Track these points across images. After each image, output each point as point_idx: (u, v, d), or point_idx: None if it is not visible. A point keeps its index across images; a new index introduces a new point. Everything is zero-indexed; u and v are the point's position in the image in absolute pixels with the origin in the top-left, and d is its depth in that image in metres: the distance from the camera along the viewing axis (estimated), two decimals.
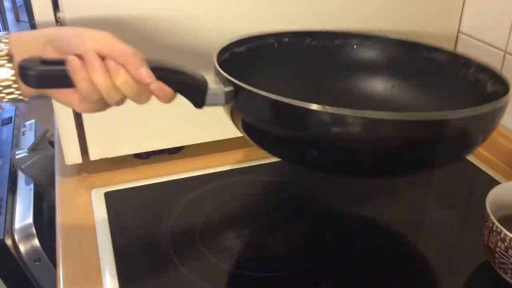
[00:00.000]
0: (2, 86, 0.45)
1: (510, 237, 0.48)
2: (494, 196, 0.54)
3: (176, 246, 0.58)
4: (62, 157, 0.69)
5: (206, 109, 0.71)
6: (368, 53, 0.65)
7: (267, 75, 0.60)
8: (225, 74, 0.49)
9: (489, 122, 0.48)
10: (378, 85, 0.65)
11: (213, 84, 0.49)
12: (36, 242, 0.86)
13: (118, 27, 0.62)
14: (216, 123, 0.72)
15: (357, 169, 0.50)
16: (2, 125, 1.13)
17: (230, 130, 0.74)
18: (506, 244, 0.49)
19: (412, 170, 0.52)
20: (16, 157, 0.90)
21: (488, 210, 0.51)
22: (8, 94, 0.45)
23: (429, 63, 0.62)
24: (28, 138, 1.09)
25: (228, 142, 0.78)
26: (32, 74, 0.43)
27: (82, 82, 0.43)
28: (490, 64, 0.56)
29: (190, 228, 0.61)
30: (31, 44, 0.45)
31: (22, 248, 0.86)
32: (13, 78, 0.44)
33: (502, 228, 0.49)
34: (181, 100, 0.71)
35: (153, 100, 0.67)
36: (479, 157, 0.75)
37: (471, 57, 0.58)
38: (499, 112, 0.48)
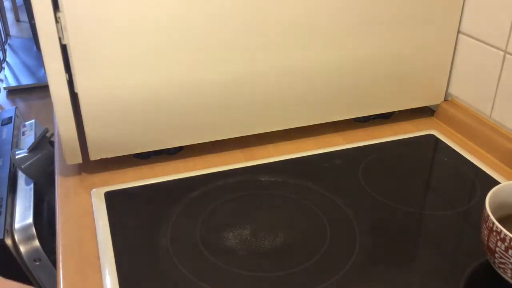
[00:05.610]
0: None
1: (510, 237, 0.48)
2: (494, 196, 0.54)
3: (176, 246, 0.58)
4: (62, 157, 0.69)
5: (206, 109, 0.71)
6: None
7: None
8: None
9: None
10: None
11: None
12: (36, 242, 0.86)
13: (118, 27, 0.62)
14: (216, 123, 0.72)
15: None
16: (2, 125, 1.13)
17: (230, 130, 0.74)
18: (506, 244, 0.49)
19: None
20: (16, 157, 0.90)
21: (488, 210, 0.51)
22: None
23: None
24: (28, 138, 1.09)
25: (228, 142, 0.78)
26: None
27: None
28: None
29: (190, 228, 0.61)
30: None
31: (22, 248, 0.86)
32: None
33: (502, 228, 0.49)
34: (181, 100, 0.71)
35: (153, 100, 0.68)
36: (479, 157, 0.75)
37: None
38: None
